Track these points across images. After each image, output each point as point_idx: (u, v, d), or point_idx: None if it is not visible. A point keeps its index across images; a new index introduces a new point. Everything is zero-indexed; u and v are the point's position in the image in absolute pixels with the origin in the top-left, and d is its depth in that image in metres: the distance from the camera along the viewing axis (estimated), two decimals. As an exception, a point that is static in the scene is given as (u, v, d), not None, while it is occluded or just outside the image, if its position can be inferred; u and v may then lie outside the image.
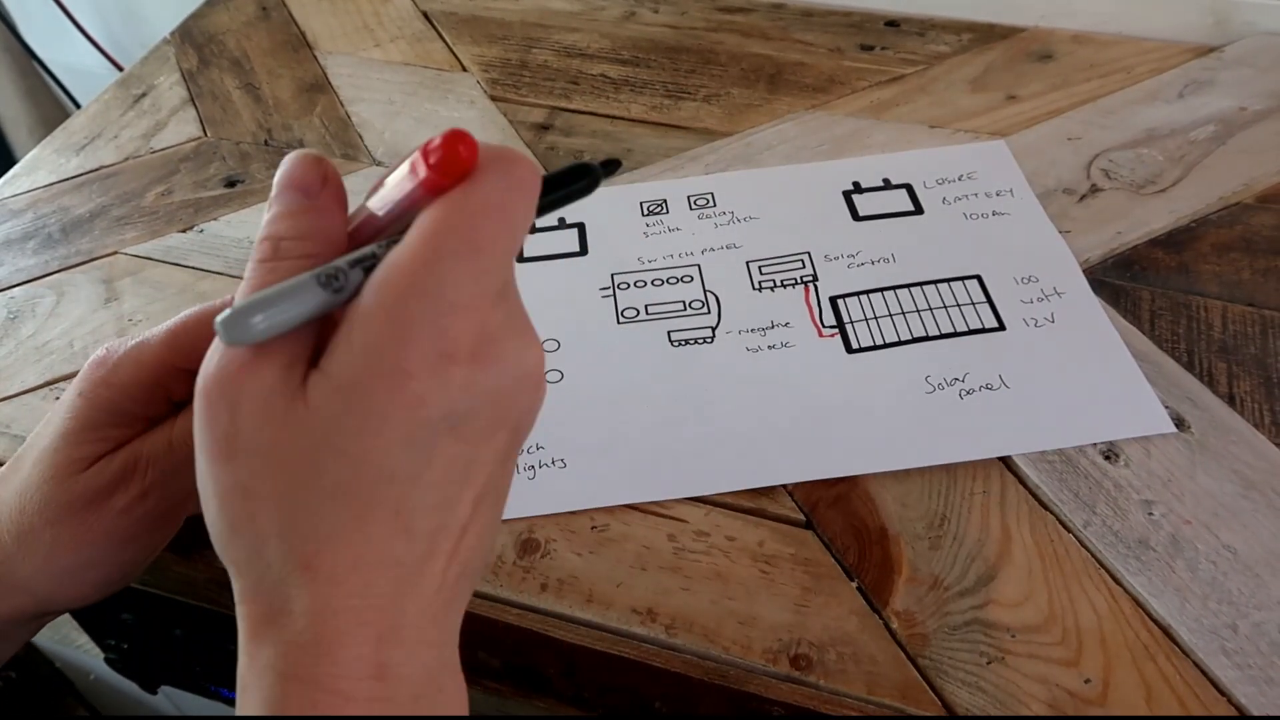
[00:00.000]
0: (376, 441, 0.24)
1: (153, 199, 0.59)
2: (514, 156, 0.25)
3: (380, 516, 0.24)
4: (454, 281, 0.23)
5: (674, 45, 0.69)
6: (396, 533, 0.24)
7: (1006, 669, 0.36)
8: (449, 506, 0.25)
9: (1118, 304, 0.48)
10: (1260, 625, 0.36)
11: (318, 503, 0.24)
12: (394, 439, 0.24)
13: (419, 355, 0.23)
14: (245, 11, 0.75)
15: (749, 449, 0.43)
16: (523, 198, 0.25)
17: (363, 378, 0.23)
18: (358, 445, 0.24)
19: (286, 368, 0.24)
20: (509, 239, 0.24)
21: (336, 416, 0.24)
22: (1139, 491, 0.40)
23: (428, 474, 0.25)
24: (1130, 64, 0.63)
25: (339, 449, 0.24)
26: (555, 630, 0.38)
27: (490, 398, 0.25)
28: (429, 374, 0.23)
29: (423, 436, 0.24)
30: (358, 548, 0.24)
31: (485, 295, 0.24)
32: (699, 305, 0.49)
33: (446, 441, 0.25)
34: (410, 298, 0.23)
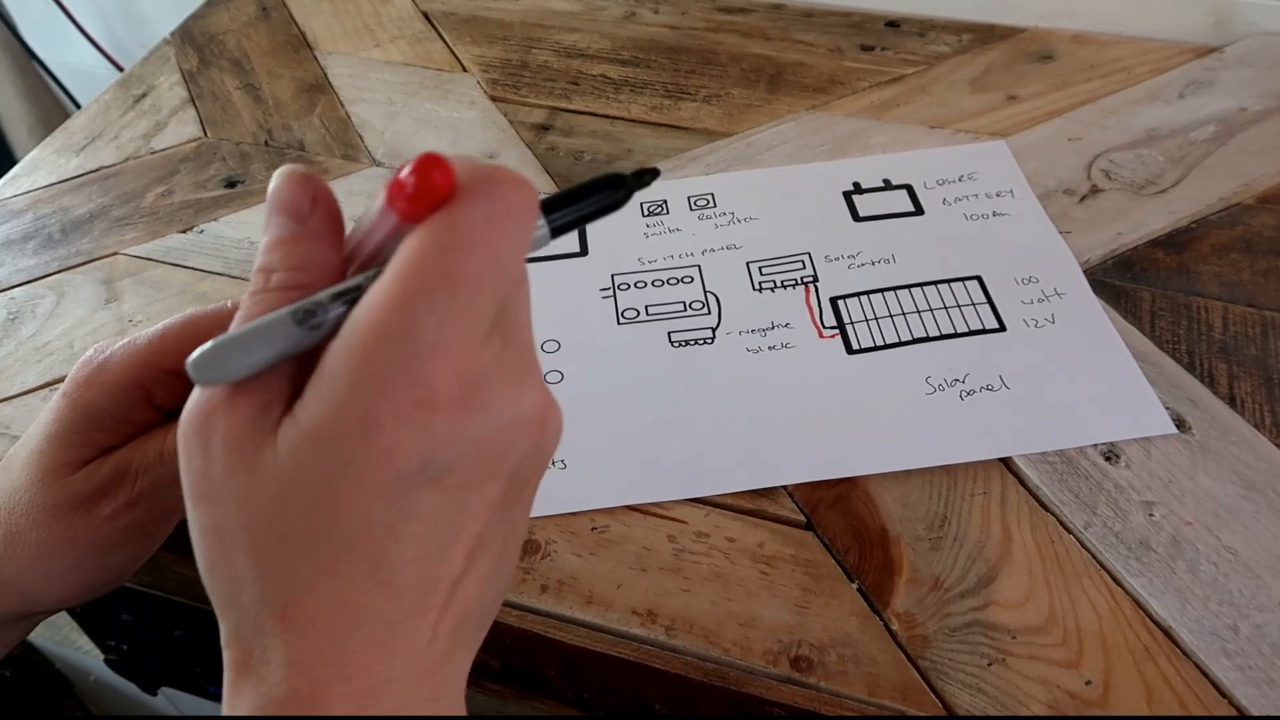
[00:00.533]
0: (348, 494, 0.22)
1: (153, 199, 0.59)
2: (500, 177, 0.23)
3: (355, 570, 0.23)
4: (430, 322, 0.21)
5: (674, 45, 0.69)
6: (375, 586, 0.23)
7: (1007, 670, 0.36)
8: (435, 559, 0.24)
9: (1118, 305, 0.48)
10: (1261, 627, 0.36)
11: (290, 552, 0.23)
12: (366, 491, 0.22)
13: (391, 404, 0.21)
14: (245, 12, 0.75)
15: (749, 450, 0.43)
16: (511, 223, 0.23)
17: (332, 427, 0.22)
18: (328, 497, 0.22)
19: (263, 408, 0.23)
20: (495, 271, 0.22)
21: (305, 466, 0.22)
22: (1140, 492, 0.40)
23: (407, 527, 0.23)
24: (1130, 64, 0.63)
25: (309, 499, 0.22)
26: (555, 632, 0.38)
27: (477, 447, 0.23)
28: (403, 424, 0.22)
29: (398, 489, 0.22)
30: (334, 601, 0.23)
31: (468, 335, 0.22)
32: (699, 306, 0.49)
33: (427, 493, 0.23)
34: (382, 341, 0.21)
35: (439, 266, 0.22)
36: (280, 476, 0.22)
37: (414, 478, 0.22)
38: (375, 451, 0.22)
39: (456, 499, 0.23)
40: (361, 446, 0.22)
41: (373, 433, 0.22)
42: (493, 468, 0.24)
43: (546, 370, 0.46)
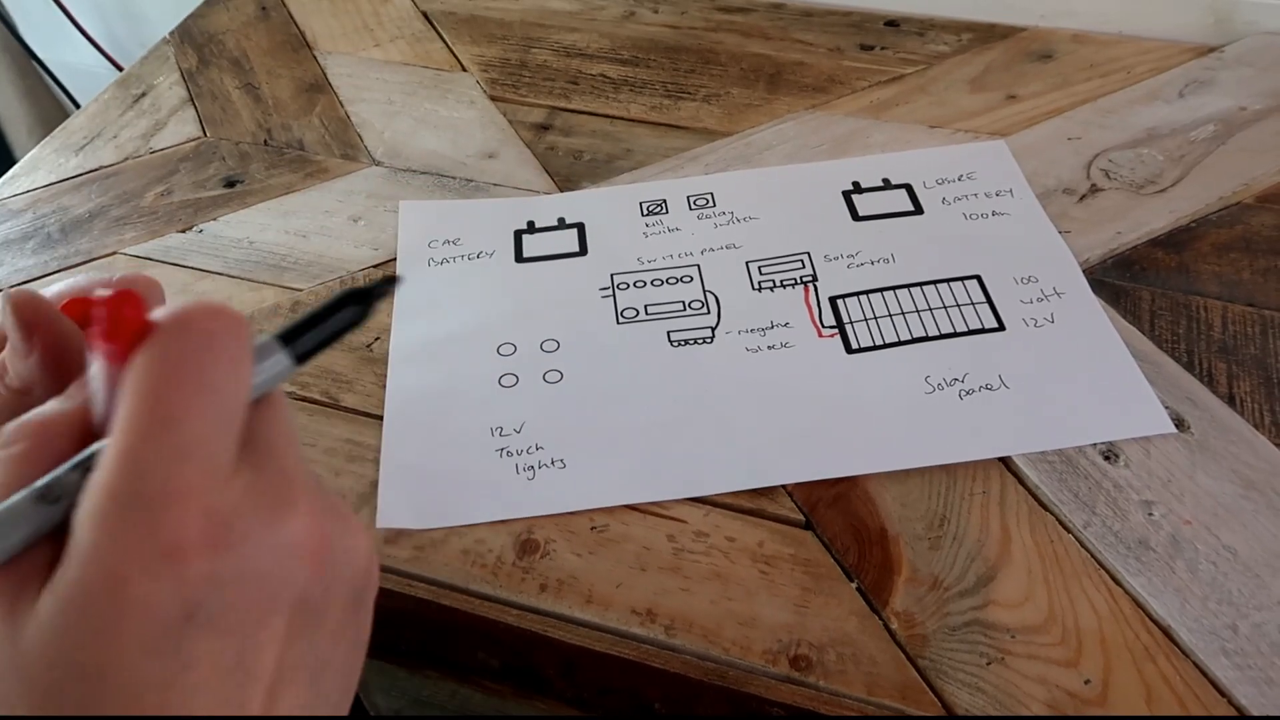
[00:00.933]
0: (113, 658, 0.20)
1: (152, 199, 0.59)
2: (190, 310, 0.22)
3: None
4: (158, 469, 0.21)
5: (674, 45, 0.69)
6: None
7: (1006, 669, 0.36)
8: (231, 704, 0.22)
9: (1118, 304, 0.48)
10: (1260, 626, 0.36)
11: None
12: (131, 651, 0.20)
13: (136, 560, 0.20)
14: (245, 11, 0.75)
15: (748, 449, 0.43)
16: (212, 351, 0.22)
17: (83, 591, 0.20)
18: (93, 664, 0.20)
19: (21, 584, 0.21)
20: (210, 401, 0.21)
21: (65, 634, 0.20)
22: (1139, 492, 0.40)
23: (186, 678, 0.21)
24: (1130, 64, 0.63)
25: (76, 670, 0.20)
26: (555, 631, 0.38)
27: (246, 584, 0.22)
28: (152, 577, 0.20)
29: (166, 644, 0.21)
30: None
31: (204, 472, 0.21)
32: (699, 305, 0.49)
33: (200, 639, 0.21)
34: (115, 498, 0.20)
35: (151, 410, 0.21)
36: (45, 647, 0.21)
37: (180, 628, 0.21)
38: (128, 608, 0.20)
39: (236, 640, 0.22)
40: (113, 606, 0.20)
41: (121, 590, 0.20)
42: (270, 602, 0.22)
43: (546, 370, 0.47)
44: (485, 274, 0.52)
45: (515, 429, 0.44)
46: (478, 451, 0.43)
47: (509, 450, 0.43)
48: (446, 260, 0.53)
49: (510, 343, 0.48)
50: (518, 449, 0.43)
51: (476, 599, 0.39)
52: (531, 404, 0.45)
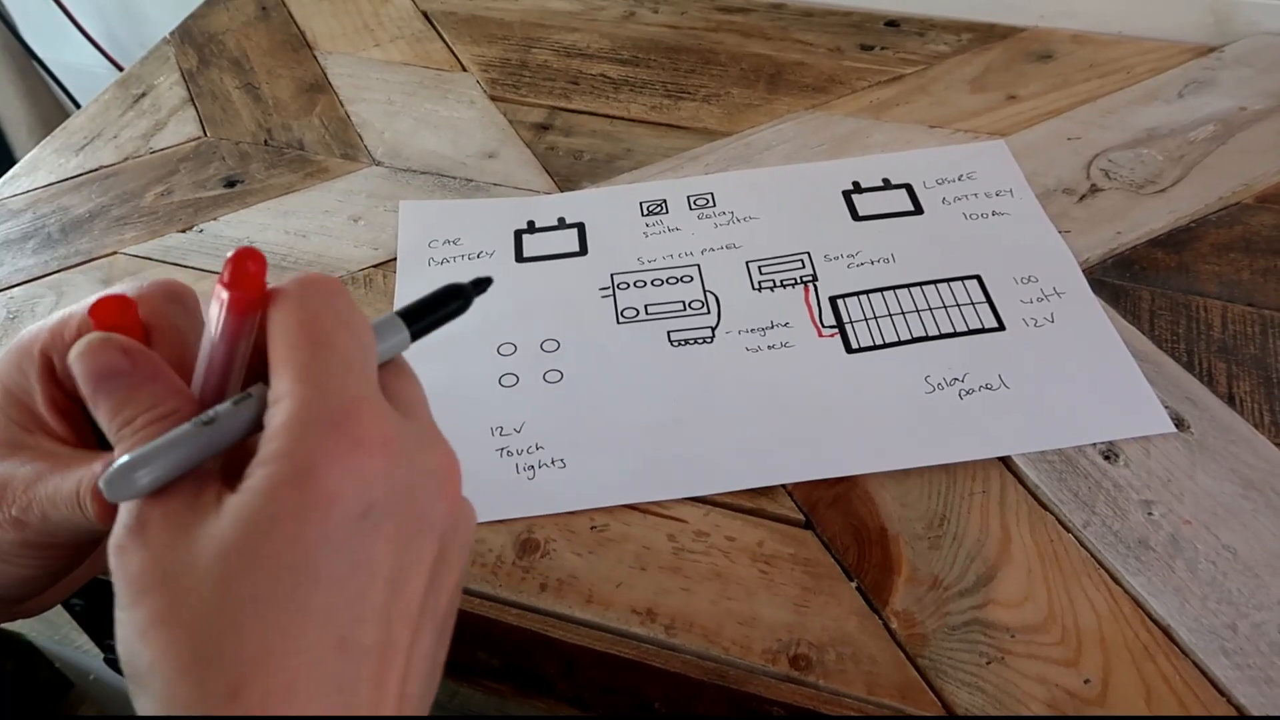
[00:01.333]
0: (296, 543, 0.22)
1: (152, 199, 0.59)
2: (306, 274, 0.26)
3: (311, 629, 0.22)
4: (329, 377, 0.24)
5: (674, 45, 0.69)
6: (333, 649, 0.22)
7: (1006, 669, 0.36)
8: (386, 620, 0.23)
9: (1117, 304, 0.48)
10: (1260, 625, 0.36)
11: (240, 622, 0.22)
12: (313, 538, 0.22)
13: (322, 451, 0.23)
14: (245, 11, 0.75)
15: (748, 449, 0.43)
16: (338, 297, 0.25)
17: (274, 481, 0.22)
18: (273, 555, 0.22)
19: (196, 493, 0.23)
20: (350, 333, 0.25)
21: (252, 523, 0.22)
22: (1139, 491, 0.40)
23: (355, 578, 0.23)
24: (1130, 64, 0.63)
25: (256, 558, 0.22)
26: (555, 630, 0.38)
27: (405, 492, 0.24)
28: (337, 468, 0.23)
29: (342, 534, 0.23)
30: (290, 670, 0.22)
31: (367, 383, 0.24)
32: (699, 305, 0.49)
33: (370, 540, 0.23)
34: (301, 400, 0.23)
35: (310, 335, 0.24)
36: (226, 543, 0.22)
37: (357, 521, 0.23)
38: (316, 498, 0.22)
39: (398, 550, 0.24)
40: (301, 495, 0.22)
41: (309, 480, 0.22)
42: (422, 520, 0.25)
43: (546, 370, 0.47)
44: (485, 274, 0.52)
45: (515, 429, 0.44)
46: (478, 451, 0.43)
47: (509, 450, 0.43)
48: (447, 260, 0.53)
49: (510, 342, 0.48)
50: (518, 449, 0.43)
51: (477, 599, 0.39)
52: (532, 404, 0.45)
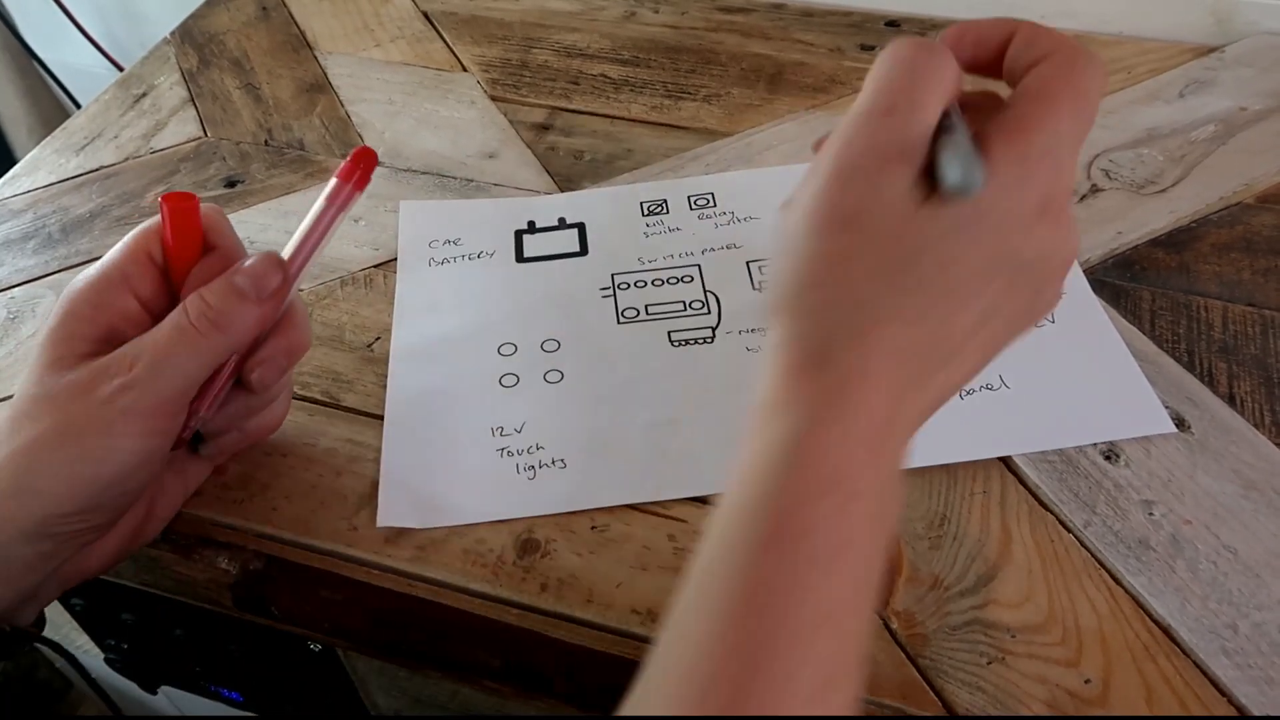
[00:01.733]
0: (964, 257, 0.28)
1: (153, 199, 0.59)
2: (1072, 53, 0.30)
3: (933, 319, 0.28)
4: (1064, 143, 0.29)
5: (674, 45, 0.69)
6: (937, 338, 0.28)
7: (1006, 669, 0.36)
8: (971, 336, 0.29)
9: (1118, 304, 0.48)
10: (1261, 625, 0.36)
11: (899, 287, 0.28)
12: (976, 260, 0.28)
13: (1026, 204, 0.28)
14: (245, 11, 0.75)
15: (749, 449, 0.43)
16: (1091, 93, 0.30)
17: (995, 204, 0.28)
18: (949, 253, 0.28)
19: (914, 183, 0.28)
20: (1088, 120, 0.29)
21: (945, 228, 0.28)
22: (1139, 491, 0.40)
23: (978, 301, 0.29)
24: (1131, 64, 0.63)
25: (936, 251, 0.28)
26: (555, 630, 0.38)
27: (1044, 259, 0.29)
28: (1022, 224, 0.28)
29: (992, 267, 0.28)
30: (904, 337, 0.28)
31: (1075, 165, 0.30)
32: (699, 305, 0.49)
33: (1003, 281, 0.29)
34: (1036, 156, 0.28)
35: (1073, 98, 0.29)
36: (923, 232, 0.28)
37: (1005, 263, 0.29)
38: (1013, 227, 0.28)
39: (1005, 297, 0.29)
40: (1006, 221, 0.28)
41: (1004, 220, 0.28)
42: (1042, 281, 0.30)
43: (547, 370, 0.47)
44: (486, 274, 0.52)
45: (516, 429, 0.44)
46: (478, 451, 0.43)
47: (510, 450, 0.43)
48: (447, 260, 0.53)
49: (511, 342, 0.48)
50: (518, 449, 0.43)
51: (477, 599, 0.39)
52: (532, 404, 0.45)
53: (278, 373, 0.37)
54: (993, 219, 0.28)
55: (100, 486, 0.34)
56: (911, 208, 0.28)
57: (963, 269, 0.28)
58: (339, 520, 0.41)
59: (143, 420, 0.33)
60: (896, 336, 0.28)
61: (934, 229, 0.28)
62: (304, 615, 0.41)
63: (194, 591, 0.43)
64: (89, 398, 0.33)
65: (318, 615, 0.41)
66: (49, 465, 0.33)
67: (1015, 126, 0.29)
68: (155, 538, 0.40)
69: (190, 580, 0.42)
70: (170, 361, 0.34)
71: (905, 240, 0.28)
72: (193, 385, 0.35)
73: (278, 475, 0.43)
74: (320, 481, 0.43)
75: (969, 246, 0.28)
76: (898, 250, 0.28)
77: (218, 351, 0.35)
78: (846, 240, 0.28)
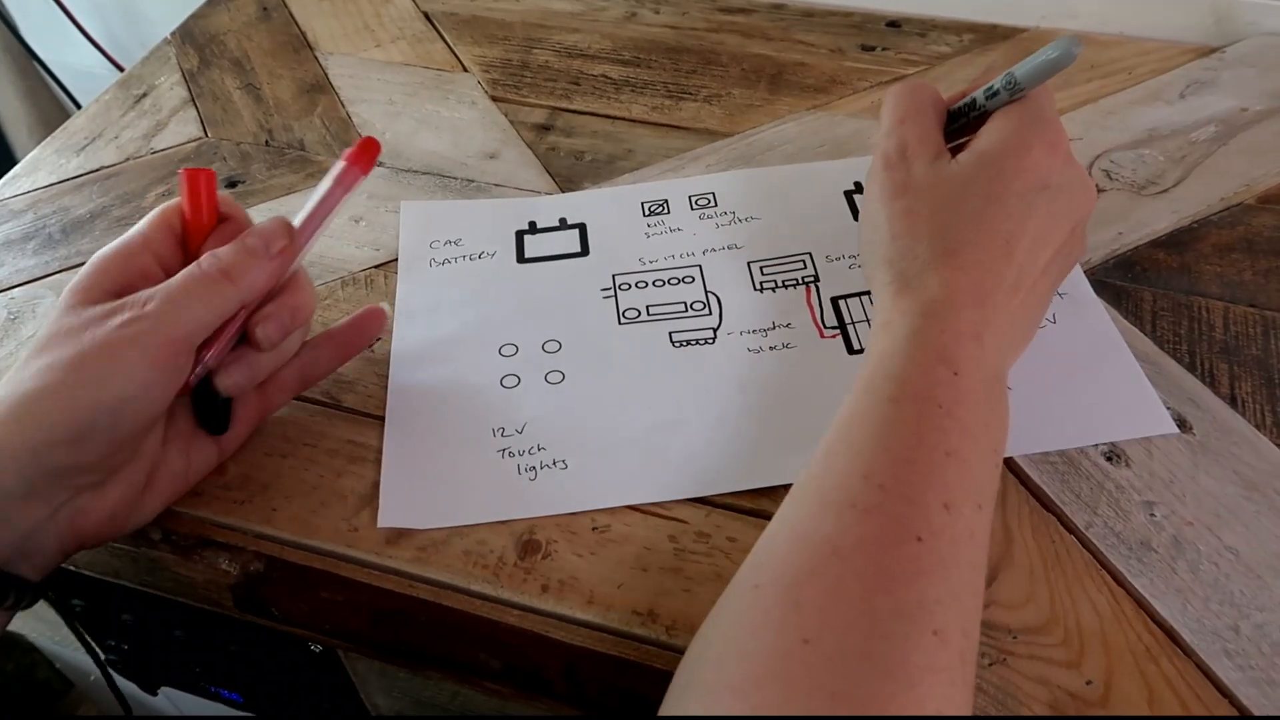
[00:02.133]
0: (1003, 190, 0.38)
1: (153, 199, 0.59)
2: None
3: (995, 239, 0.38)
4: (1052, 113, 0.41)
5: (675, 46, 0.69)
6: (1004, 255, 0.37)
7: (1008, 670, 0.35)
8: (1034, 251, 0.38)
9: (1119, 305, 0.48)
10: (1262, 626, 0.36)
11: (959, 222, 0.38)
12: (1014, 190, 0.38)
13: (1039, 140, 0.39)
14: (246, 12, 0.75)
15: (750, 449, 0.43)
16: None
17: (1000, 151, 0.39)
18: (989, 193, 0.38)
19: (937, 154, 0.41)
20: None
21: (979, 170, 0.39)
22: (1141, 493, 0.40)
23: (1027, 223, 0.38)
24: (1131, 64, 0.63)
25: (977, 192, 0.38)
26: (556, 631, 0.38)
27: (1069, 185, 0.39)
28: (1042, 152, 0.39)
29: (1030, 195, 0.38)
30: (978, 254, 0.37)
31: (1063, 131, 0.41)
32: (700, 306, 0.49)
33: (1042, 204, 0.38)
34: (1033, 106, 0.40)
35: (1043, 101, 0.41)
36: (961, 178, 0.39)
37: (1039, 191, 0.39)
38: (1024, 166, 0.39)
39: (1052, 221, 0.39)
40: (1016, 162, 0.39)
41: (1025, 154, 0.39)
42: (1069, 212, 0.39)
43: (548, 370, 0.47)
44: (487, 274, 0.52)
45: (517, 430, 0.44)
46: (479, 452, 0.43)
47: (511, 451, 0.43)
48: (448, 260, 0.53)
49: (512, 343, 0.48)
50: (520, 450, 0.43)
51: (478, 599, 0.39)
52: (533, 405, 0.45)
53: (281, 330, 0.39)
54: (1014, 157, 0.39)
55: (97, 412, 0.34)
56: (943, 168, 0.40)
57: (1005, 199, 0.38)
58: (339, 521, 0.41)
59: (148, 351, 0.35)
60: (966, 256, 0.37)
61: (964, 175, 0.39)
62: (304, 616, 0.41)
63: (194, 592, 0.43)
64: (100, 326, 0.35)
65: (318, 616, 0.41)
66: (51, 389, 0.34)
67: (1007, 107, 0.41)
68: (153, 517, 0.40)
69: (190, 581, 0.42)
70: (182, 303, 0.36)
71: (947, 188, 0.39)
72: (200, 330, 0.37)
73: (278, 476, 0.43)
74: (320, 482, 0.43)
75: (1003, 179, 0.38)
76: (945, 197, 0.39)
77: (227, 299, 0.37)
78: (904, 203, 0.40)
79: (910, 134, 0.42)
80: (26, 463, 0.34)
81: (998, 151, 0.39)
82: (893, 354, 0.35)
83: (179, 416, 0.40)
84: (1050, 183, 0.38)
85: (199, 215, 0.40)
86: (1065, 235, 0.39)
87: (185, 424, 0.40)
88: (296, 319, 0.40)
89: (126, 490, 0.38)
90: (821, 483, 0.33)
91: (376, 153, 0.41)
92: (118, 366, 0.35)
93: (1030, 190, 0.38)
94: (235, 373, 0.39)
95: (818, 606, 0.29)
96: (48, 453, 0.34)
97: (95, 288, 0.37)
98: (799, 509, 0.33)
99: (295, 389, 0.44)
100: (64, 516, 0.36)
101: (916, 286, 0.37)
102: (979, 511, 0.33)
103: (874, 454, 0.33)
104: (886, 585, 0.30)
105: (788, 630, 0.29)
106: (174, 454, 0.40)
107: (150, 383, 0.36)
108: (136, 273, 0.38)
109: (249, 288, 0.38)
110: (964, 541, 0.32)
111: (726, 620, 0.31)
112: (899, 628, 0.29)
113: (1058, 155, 0.39)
